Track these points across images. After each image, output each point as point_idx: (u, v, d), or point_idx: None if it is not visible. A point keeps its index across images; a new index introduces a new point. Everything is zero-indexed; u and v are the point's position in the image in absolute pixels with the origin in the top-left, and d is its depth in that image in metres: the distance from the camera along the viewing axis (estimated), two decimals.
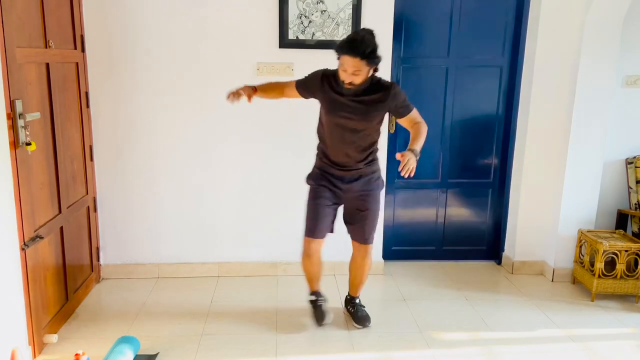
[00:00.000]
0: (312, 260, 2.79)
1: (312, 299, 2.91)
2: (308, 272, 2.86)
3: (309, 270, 2.84)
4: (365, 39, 2.38)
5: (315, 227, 2.71)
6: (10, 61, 2.25)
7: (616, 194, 3.65)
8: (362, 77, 2.43)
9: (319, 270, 2.86)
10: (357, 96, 2.51)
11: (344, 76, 2.43)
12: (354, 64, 2.36)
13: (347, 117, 2.55)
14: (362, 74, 2.41)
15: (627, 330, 2.91)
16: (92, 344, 2.62)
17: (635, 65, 3.48)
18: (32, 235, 2.45)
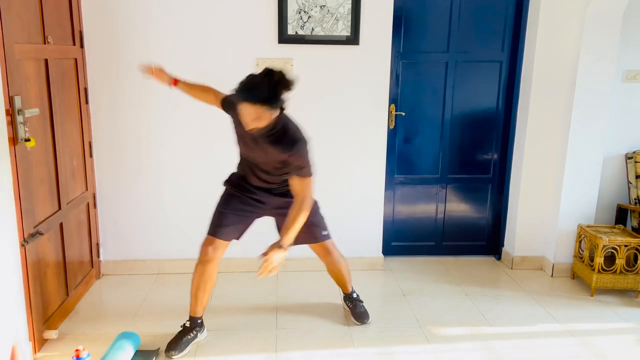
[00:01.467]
0: (206, 269, 2.51)
1: (187, 326, 2.58)
2: (196, 285, 2.53)
3: (198, 282, 2.52)
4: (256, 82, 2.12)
5: (220, 227, 2.51)
6: (9, 57, 2.25)
7: (616, 189, 3.65)
8: (264, 122, 2.16)
9: (210, 287, 2.55)
10: (261, 138, 2.30)
11: (246, 122, 2.17)
12: (249, 110, 2.11)
13: (253, 153, 2.42)
14: (261, 119, 2.15)
15: (626, 325, 2.91)
16: (92, 340, 2.63)
17: (635, 60, 3.48)
18: (32, 232, 2.45)
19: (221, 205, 2.60)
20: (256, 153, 2.43)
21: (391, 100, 3.48)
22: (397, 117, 3.55)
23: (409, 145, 3.66)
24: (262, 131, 2.24)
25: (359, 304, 2.89)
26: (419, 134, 3.63)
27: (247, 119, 2.16)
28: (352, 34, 3.22)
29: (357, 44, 3.24)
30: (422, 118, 3.61)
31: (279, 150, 2.32)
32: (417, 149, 3.68)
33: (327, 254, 2.75)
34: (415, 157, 3.70)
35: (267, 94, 2.11)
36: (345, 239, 2.83)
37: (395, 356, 2.57)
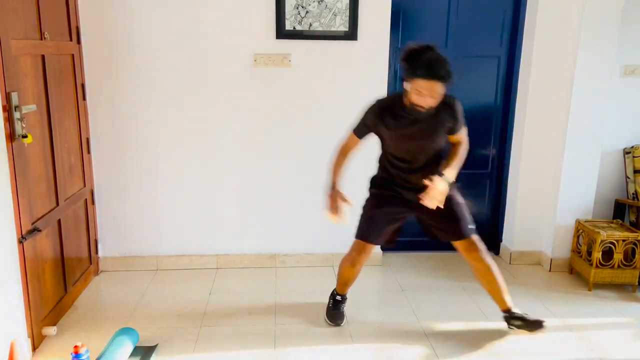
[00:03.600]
0: (355, 270, 2.68)
1: (338, 300, 2.84)
2: (346, 277, 2.75)
3: (348, 276, 2.74)
4: (444, 61, 2.22)
5: (370, 230, 2.56)
6: (6, 53, 2.23)
7: (614, 184, 3.66)
8: (436, 100, 2.28)
9: (356, 277, 2.76)
10: (421, 119, 2.37)
11: (420, 100, 2.26)
12: (439, 89, 2.22)
13: (412, 142, 2.44)
14: (438, 96, 2.26)
15: (624, 320, 2.92)
16: (91, 336, 2.63)
17: (634, 54, 3.48)
18: (30, 228, 2.45)
19: (369, 208, 2.60)
20: (417, 142, 2.45)
21: None
22: None
23: None
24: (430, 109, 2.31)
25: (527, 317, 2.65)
26: None
27: (431, 97, 2.24)
28: (350, 29, 3.21)
29: (355, 39, 3.23)
30: None
31: (446, 119, 2.42)
32: None
33: (473, 250, 2.57)
34: None
35: (449, 73, 2.21)
36: (343, 234, 2.82)
37: (394, 352, 2.57)
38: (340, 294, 2.85)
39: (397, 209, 2.59)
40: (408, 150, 2.49)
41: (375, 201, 2.60)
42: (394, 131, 2.44)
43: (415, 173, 2.51)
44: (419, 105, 2.29)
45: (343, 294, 2.85)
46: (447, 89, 2.27)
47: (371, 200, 2.63)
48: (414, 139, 2.45)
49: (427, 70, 2.19)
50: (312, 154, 3.34)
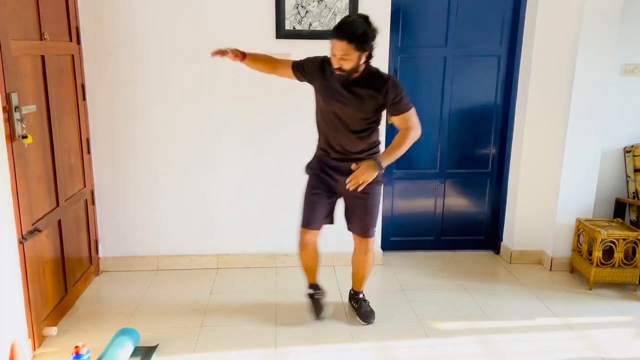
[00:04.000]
0: (308, 252, 2.78)
1: (310, 292, 2.90)
2: (305, 264, 2.85)
3: (306, 262, 2.83)
4: (355, 22, 2.32)
5: (310, 217, 2.69)
6: (5, 54, 2.24)
7: (614, 183, 3.66)
8: (352, 63, 2.35)
9: (315, 262, 2.85)
10: (352, 86, 2.46)
11: (333, 61, 2.37)
12: (342, 47, 2.30)
13: (342, 106, 2.50)
14: (350, 59, 2.33)
15: (625, 319, 2.92)
16: (91, 336, 2.63)
17: (634, 53, 3.47)
18: (30, 229, 2.45)
19: (307, 194, 2.70)
20: (345, 110, 2.50)
21: None
22: None
23: None
24: (348, 77, 2.39)
25: (364, 303, 2.88)
26: None
27: (337, 55, 2.32)
28: None
29: None
30: (420, 113, 3.54)
31: (373, 93, 2.45)
32: (415, 144, 3.64)
33: (365, 245, 2.74)
34: (414, 152, 3.66)
35: (359, 34, 2.28)
36: (344, 233, 2.82)
37: (394, 351, 2.57)
38: (311, 283, 2.90)
39: (329, 190, 2.67)
40: (332, 112, 2.54)
41: (310, 184, 2.70)
42: (325, 83, 2.50)
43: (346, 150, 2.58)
44: (334, 68, 2.38)
45: (313, 282, 2.90)
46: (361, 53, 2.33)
47: (307, 184, 2.71)
48: (341, 100, 2.49)
49: (336, 29, 2.32)
50: (311, 154, 3.33)
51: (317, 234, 2.75)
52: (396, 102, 2.49)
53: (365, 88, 2.46)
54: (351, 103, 2.49)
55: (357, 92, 2.47)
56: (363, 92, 2.47)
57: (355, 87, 2.47)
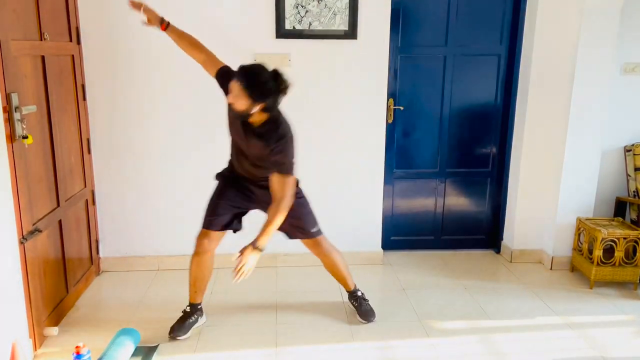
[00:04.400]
0: (202, 260, 2.62)
1: (187, 311, 2.68)
2: (194, 275, 2.64)
3: (196, 272, 2.63)
4: (262, 71, 2.26)
5: (212, 219, 2.57)
6: (5, 54, 2.24)
7: (615, 182, 3.66)
8: (242, 107, 2.26)
9: (207, 275, 2.66)
10: (248, 128, 2.39)
11: (228, 96, 2.30)
12: (236, 87, 2.23)
13: (242, 142, 2.46)
14: (240, 101, 2.25)
15: (625, 318, 2.92)
16: (92, 336, 2.63)
17: (634, 52, 3.47)
18: (31, 229, 2.45)
19: (214, 197, 2.65)
20: (244, 143, 2.47)
21: (389, 95, 3.48)
22: (395, 112, 3.55)
23: (408, 140, 3.66)
24: (243, 117, 2.33)
25: (364, 302, 2.86)
26: (417, 128, 3.63)
27: (230, 93, 2.27)
28: (350, 29, 3.21)
29: (355, 38, 3.23)
30: (420, 112, 3.61)
31: (262, 144, 2.37)
32: (415, 143, 3.67)
33: (319, 247, 2.72)
34: (414, 151, 3.70)
35: (256, 83, 2.22)
36: (344, 233, 2.83)
37: (395, 350, 2.57)
38: (192, 302, 2.70)
39: (240, 201, 2.61)
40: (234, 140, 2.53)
41: (219, 186, 2.64)
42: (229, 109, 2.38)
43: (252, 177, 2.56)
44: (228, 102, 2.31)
45: (195, 302, 2.70)
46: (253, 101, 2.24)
47: (216, 189, 2.65)
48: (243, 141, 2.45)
49: (239, 68, 2.26)
50: (311, 153, 3.34)
51: (217, 239, 2.61)
52: (279, 162, 2.37)
53: (259, 138, 2.37)
54: (245, 142, 2.44)
55: (250, 137, 2.40)
56: (256, 141, 2.39)
57: (251, 132, 2.39)
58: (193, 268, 2.65)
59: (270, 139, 2.35)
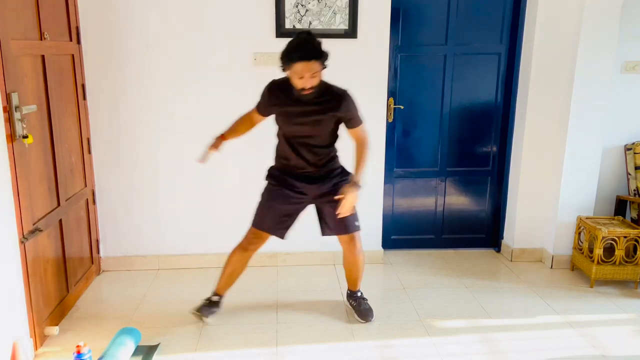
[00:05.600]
0: (245, 256, 2.71)
1: (214, 300, 2.79)
2: (231, 268, 2.74)
3: (236, 266, 2.73)
4: (313, 39, 2.35)
5: (263, 221, 2.65)
6: (5, 54, 2.24)
7: (615, 181, 3.66)
8: (319, 78, 2.38)
9: (242, 271, 2.77)
10: (309, 103, 2.45)
11: (303, 83, 2.35)
12: (312, 67, 2.31)
13: (299, 124, 2.51)
14: (318, 75, 2.36)
15: (626, 316, 2.92)
16: (93, 336, 2.63)
17: (635, 51, 3.47)
18: (31, 229, 2.45)
19: (266, 200, 2.68)
20: (306, 127, 2.51)
21: (390, 94, 3.48)
22: (395, 111, 3.55)
23: (408, 139, 3.66)
24: (313, 94, 2.40)
25: (363, 302, 2.87)
26: (417, 127, 3.63)
27: (306, 77, 2.32)
28: (350, 28, 3.21)
29: (355, 37, 3.23)
30: (420, 111, 3.61)
31: (331, 107, 2.46)
32: (416, 142, 3.67)
33: (352, 245, 2.72)
34: (415, 150, 3.70)
35: (320, 50, 2.33)
36: None
37: (396, 349, 2.57)
38: (219, 293, 2.81)
39: (292, 201, 2.64)
40: (295, 133, 2.55)
41: (271, 194, 2.67)
42: (281, 108, 2.51)
43: (309, 163, 2.59)
44: (303, 89, 2.38)
45: (222, 294, 2.81)
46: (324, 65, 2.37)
47: (267, 192, 2.69)
48: (300, 121, 2.50)
49: (300, 52, 2.30)
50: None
51: (264, 240, 2.70)
52: (351, 116, 2.52)
53: (321, 104, 2.46)
54: (310, 119, 2.49)
55: (314, 109, 2.47)
56: (320, 109, 2.47)
57: (314, 104, 2.46)
58: (234, 261, 2.73)
59: (337, 99, 2.46)
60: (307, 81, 2.35)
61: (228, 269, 2.77)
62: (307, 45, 2.32)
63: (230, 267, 2.76)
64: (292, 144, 2.58)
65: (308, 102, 2.45)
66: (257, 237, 2.70)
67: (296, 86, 2.39)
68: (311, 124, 2.51)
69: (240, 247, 2.73)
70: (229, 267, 2.76)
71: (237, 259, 2.74)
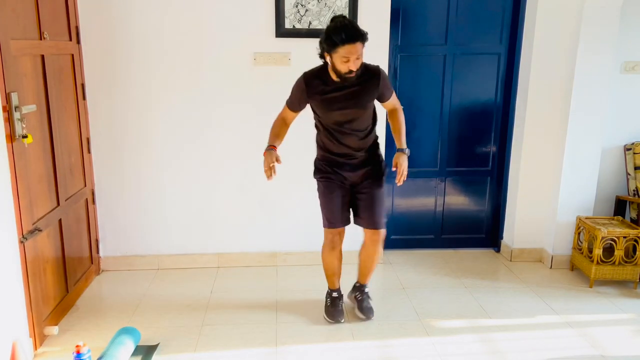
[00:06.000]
0: (335, 253, 2.77)
1: (335, 296, 2.87)
2: (330, 267, 2.82)
3: (331, 264, 2.80)
4: (352, 22, 2.37)
5: (334, 217, 2.69)
6: (5, 53, 2.24)
7: (614, 181, 3.66)
8: (361, 59, 2.40)
9: (340, 264, 2.83)
10: (351, 86, 2.48)
11: (347, 66, 2.36)
12: (357, 49, 2.32)
13: (342, 109, 2.51)
14: (361, 57, 2.39)
15: (625, 316, 2.92)
16: (92, 336, 2.63)
17: (634, 51, 3.47)
18: (31, 228, 2.45)
19: (325, 198, 2.70)
20: (350, 110, 2.52)
21: None
22: None
23: (408, 139, 3.60)
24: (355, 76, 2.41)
25: (367, 299, 2.88)
26: (417, 127, 3.63)
27: (351, 59, 2.33)
28: None
29: None
30: (420, 111, 3.61)
31: (371, 84, 2.51)
32: (415, 142, 3.67)
33: (376, 239, 2.75)
34: (414, 150, 3.67)
35: (363, 31, 2.34)
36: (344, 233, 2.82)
37: (395, 349, 2.58)
38: (333, 289, 2.88)
39: (342, 190, 2.69)
40: (337, 120, 2.56)
41: (324, 188, 2.70)
42: (322, 96, 2.51)
43: (352, 149, 2.62)
44: (348, 72, 2.38)
45: (335, 288, 2.88)
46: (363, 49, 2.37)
47: (321, 188, 2.72)
48: (342, 105, 2.51)
49: (344, 35, 2.30)
50: (311, 152, 3.33)
51: (343, 233, 2.75)
52: (387, 87, 2.60)
53: (362, 84, 2.50)
54: (352, 102, 2.50)
55: (357, 90, 2.49)
56: (362, 88, 2.50)
57: (354, 86, 2.49)
58: (329, 261, 2.80)
59: (374, 75, 2.51)
60: (352, 63, 2.35)
61: (328, 270, 2.84)
62: (350, 28, 2.31)
63: (329, 269, 2.83)
64: (334, 132, 2.59)
65: (350, 84, 2.46)
66: (337, 234, 2.73)
67: (340, 70, 2.38)
68: (355, 105, 2.52)
69: (327, 248, 2.77)
70: (328, 269, 2.83)
71: (330, 259, 2.79)
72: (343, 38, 2.30)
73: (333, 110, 2.54)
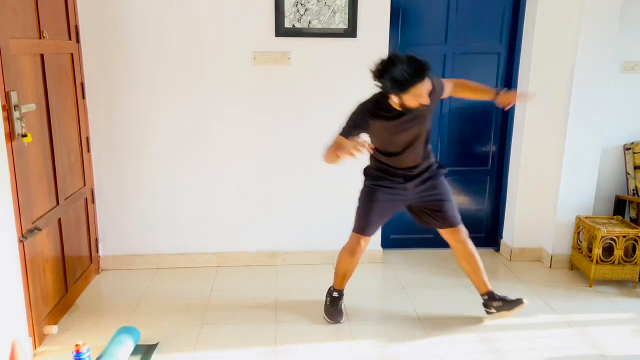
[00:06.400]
0: (355, 259, 2.75)
1: (336, 296, 2.86)
2: (343, 268, 2.80)
3: (346, 267, 2.79)
4: (418, 56, 2.30)
5: (367, 224, 2.67)
6: (5, 52, 2.23)
7: (614, 180, 3.66)
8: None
9: (354, 270, 2.82)
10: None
11: (419, 101, 2.33)
12: (427, 85, 2.31)
13: (408, 132, 2.50)
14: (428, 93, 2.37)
15: (625, 316, 2.92)
16: (92, 335, 2.63)
17: (634, 51, 3.47)
18: (30, 227, 2.45)
19: (366, 202, 2.68)
20: (415, 129, 2.51)
21: None
22: None
23: None
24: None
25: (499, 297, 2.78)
26: None
27: (424, 95, 2.32)
28: (350, 27, 3.21)
29: (354, 36, 3.23)
30: None
31: (433, 98, 2.46)
32: None
33: (463, 237, 2.74)
34: None
35: (427, 64, 2.30)
36: (344, 232, 2.82)
37: (394, 349, 2.58)
38: (338, 289, 2.87)
39: (393, 199, 2.67)
40: (398, 142, 2.54)
41: (371, 194, 2.67)
42: (384, 125, 2.48)
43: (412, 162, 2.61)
44: (421, 105, 2.36)
45: (340, 289, 2.87)
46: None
47: (366, 193, 2.69)
48: (408, 126, 2.49)
49: (417, 74, 2.26)
50: (311, 152, 3.33)
51: (369, 242, 2.74)
52: (441, 85, 2.58)
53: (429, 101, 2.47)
54: (416, 123, 2.49)
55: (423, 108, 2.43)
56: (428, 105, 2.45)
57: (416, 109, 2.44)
58: (346, 264, 2.76)
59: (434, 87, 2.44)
60: (424, 98, 2.33)
61: (340, 271, 2.81)
62: (423, 65, 2.27)
63: (341, 269, 2.80)
64: (393, 153, 2.58)
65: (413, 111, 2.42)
66: (362, 241, 2.70)
67: (411, 106, 2.35)
68: (421, 123, 2.51)
69: (347, 252, 2.75)
70: (341, 270, 2.81)
71: (347, 263, 2.77)
72: (415, 79, 2.25)
73: (397, 134, 2.50)
